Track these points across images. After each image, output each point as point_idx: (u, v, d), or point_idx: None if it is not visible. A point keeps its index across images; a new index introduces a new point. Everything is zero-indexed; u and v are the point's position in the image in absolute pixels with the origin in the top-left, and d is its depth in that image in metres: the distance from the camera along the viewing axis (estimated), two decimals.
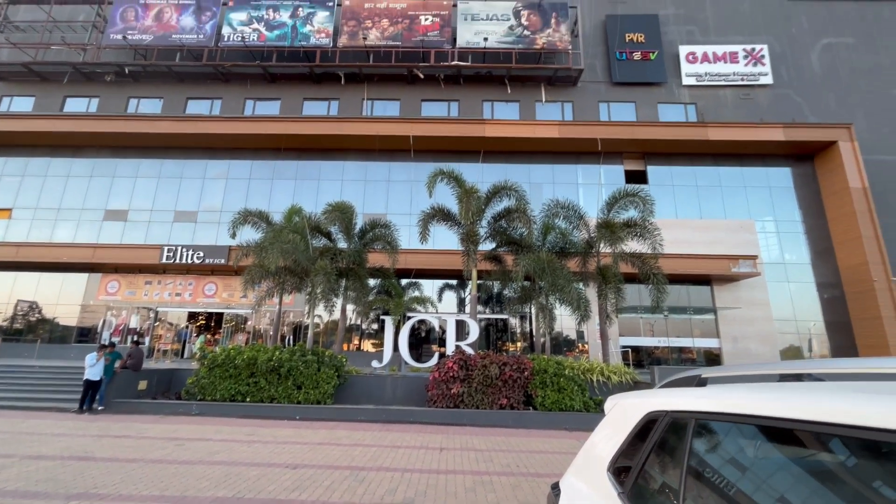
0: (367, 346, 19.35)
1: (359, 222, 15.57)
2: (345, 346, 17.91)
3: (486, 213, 14.07)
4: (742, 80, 21.80)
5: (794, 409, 1.08)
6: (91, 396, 10.16)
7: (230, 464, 6.03)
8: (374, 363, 12.44)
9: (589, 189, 20.34)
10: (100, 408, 10.25)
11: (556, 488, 2.22)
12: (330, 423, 9.70)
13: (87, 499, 4.55)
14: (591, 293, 13.99)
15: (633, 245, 13.53)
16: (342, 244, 15.12)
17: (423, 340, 18.97)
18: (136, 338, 16.93)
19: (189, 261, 18.34)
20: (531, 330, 19.06)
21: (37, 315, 19.60)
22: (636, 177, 20.42)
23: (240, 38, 21.64)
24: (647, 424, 1.62)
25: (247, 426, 8.93)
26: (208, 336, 19.50)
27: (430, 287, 19.31)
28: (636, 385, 10.99)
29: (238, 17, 22.11)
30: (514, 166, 20.42)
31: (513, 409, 10.38)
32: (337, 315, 15.34)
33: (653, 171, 20.63)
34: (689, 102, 21.81)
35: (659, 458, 1.50)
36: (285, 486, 5.08)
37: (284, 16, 22.04)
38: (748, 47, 22.12)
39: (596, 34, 22.85)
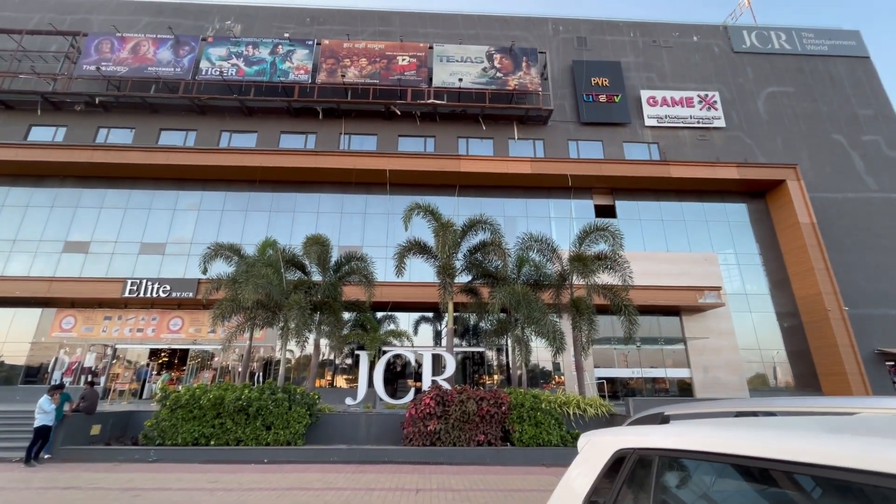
0: (341, 381, 18.77)
1: (334, 255, 15.45)
2: (318, 383, 17.31)
3: (461, 246, 14.26)
4: (698, 122, 23.46)
5: (750, 446, 1.19)
6: (41, 445, 9.34)
7: None
8: (349, 400, 12.07)
9: (561, 223, 21.00)
10: (46, 456, 9.43)
11: None
12: (301, 465, 9.24)
13: None
14: (565, 325, 14.19)
15: (604, 277, 13.94)
16: (317, 277, 14.91)
17: (398, 375, 18.57)
18: (90, 377, 15.82)
19: (154, 294, 17.59)
20: (508, 362, 19.00)
21: None
22: (605, 211, 21.28)
23: (218, 73, 21.84)
24: (617, 462, 1.69)
25: (210, 472, 8.41)
26: (172, 374, 18.48)
27: (406, 320, 19.12)
28: (611, 417, 11.05)
29: (217, 52, 22.40)
30: (488, 200, 20.94)
31: (490, 445, 10.20)
32: (310, 350, 14.91)
33: (621, 205, 21.56)
34: (651, 142, 23.20)
35: (629, 495, 1.56)
36: None
37: (264, 52, 22.48)
38: (702, 93, 23.96)
39: (564, 77, 24.29)
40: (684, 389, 18.78)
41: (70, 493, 6.79)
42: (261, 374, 18.30)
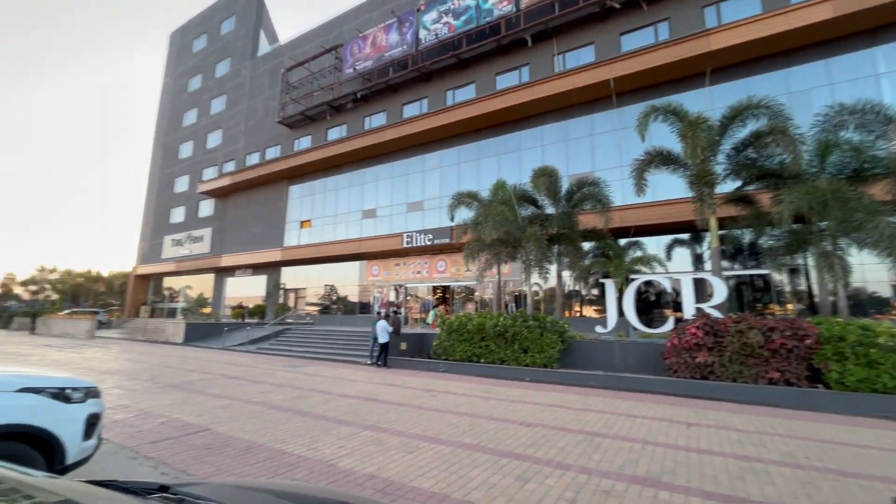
0: (589, 311, 18.66)
1: (564, 185, 14.96)
2: (566, 313, 17.76)
3: (722, 144, 11.32)
4: None
5: None
6: (385, 354, 13.07)
7: (472, 416, 6.74)
8: (598, 328, 11.87)
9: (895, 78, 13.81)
10: (379, 363, 13.20)
11: None
12: (558, 386, 9.78)
13: (374, 430, 5.84)
14: None
15: None
16: (550, 210, 14.85)
17: (652, 304, 16.97)
18: (395, 308, 21.08)
19: (422, 243, 21.51)
20: (808, 287, 14.55)
21: (335, 295, 26.82)
22: None
23: (434, 37, 23.56)
24: None
25: (483, 384, 9.89)
26: (442, 307, 22.53)
27: (654, 244, 17.03)
28: None
29: (430, 17, 24.07)
30: (758, 78, 15.74)
31: (789, 384, 8.15)
32: (553, 282, 15.29)
33: None
34: None
35: None
36: (521, 442, 5.30)
37: None
38: None
39: None
40: None
41: (394, 389, 9.23)
42: (513, 304, 20.12)
